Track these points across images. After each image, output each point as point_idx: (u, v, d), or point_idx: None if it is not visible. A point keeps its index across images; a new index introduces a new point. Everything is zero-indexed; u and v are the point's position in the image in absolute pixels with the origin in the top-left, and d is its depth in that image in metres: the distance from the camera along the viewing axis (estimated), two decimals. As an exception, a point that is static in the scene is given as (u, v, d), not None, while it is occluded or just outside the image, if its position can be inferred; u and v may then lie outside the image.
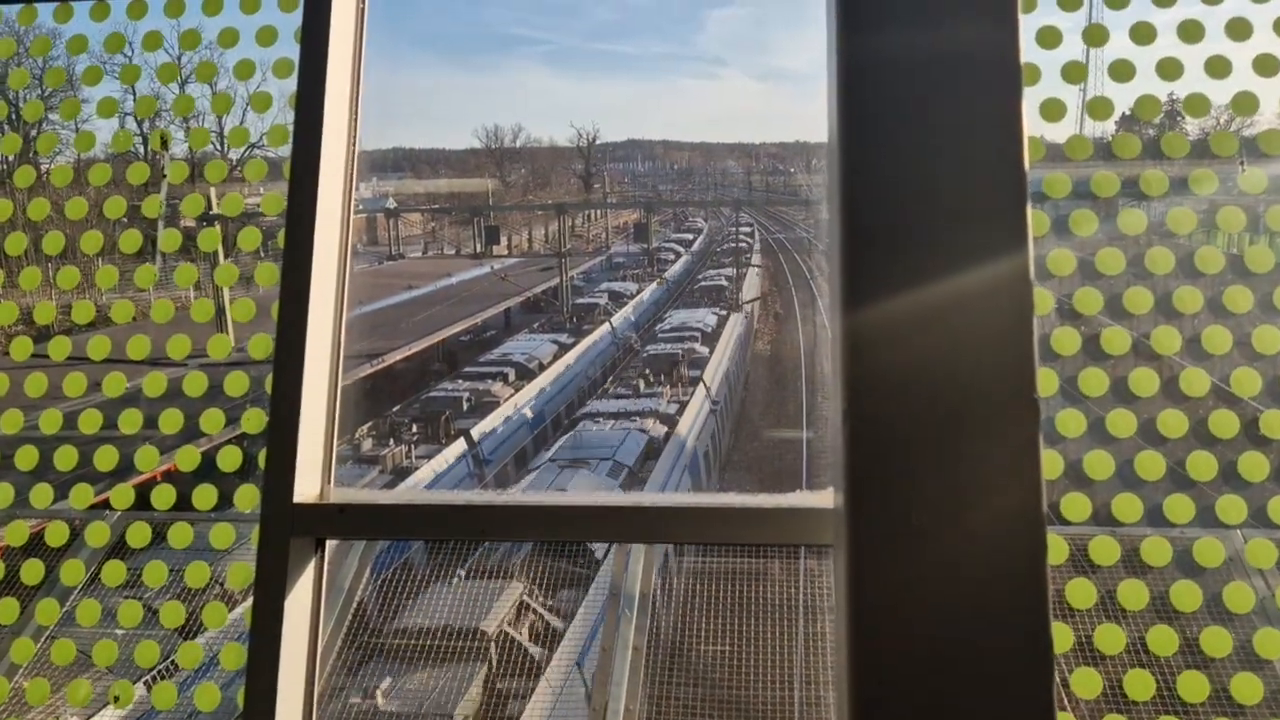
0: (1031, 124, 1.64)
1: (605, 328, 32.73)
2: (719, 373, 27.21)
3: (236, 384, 2.50)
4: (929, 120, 1.57)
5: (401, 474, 20.48)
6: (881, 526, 1.54)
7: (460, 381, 26.66)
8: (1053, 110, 2.35)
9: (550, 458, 19.93)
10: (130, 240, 2.57)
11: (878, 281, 1.59)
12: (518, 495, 2.33)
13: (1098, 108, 2.37)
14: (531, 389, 25.22)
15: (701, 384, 25.39)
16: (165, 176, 3.00)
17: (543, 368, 27.56)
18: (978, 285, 1.56)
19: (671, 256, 50.16)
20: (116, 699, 2.81)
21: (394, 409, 24.91)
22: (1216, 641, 2.10)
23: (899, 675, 1.47)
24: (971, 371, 1.55)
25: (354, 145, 2.54)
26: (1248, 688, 2.06)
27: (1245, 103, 2.25)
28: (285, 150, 2.53)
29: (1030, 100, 1.62)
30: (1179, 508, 2.12)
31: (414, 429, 23.45)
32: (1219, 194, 2.30)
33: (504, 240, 50.35)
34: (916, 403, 1.55)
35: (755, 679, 6.16)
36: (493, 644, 7.50)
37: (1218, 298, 2.22)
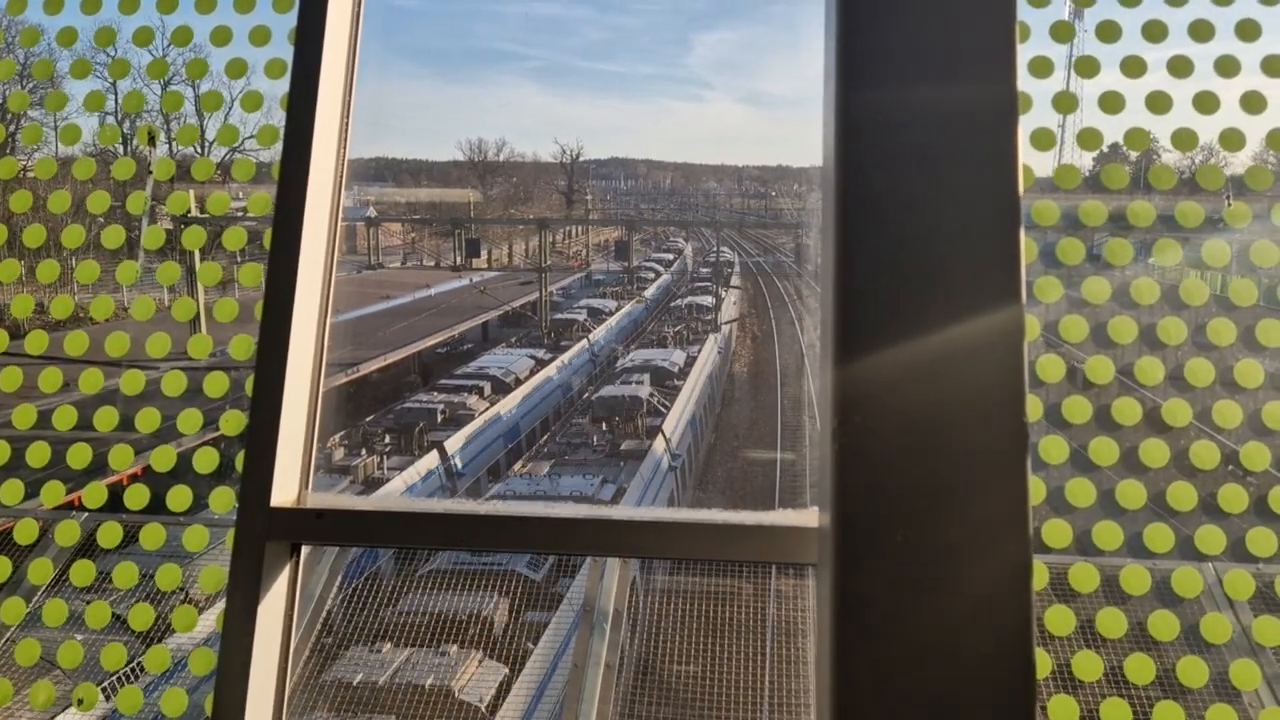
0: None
1: (583, 344, 32.66)
2: (682, 420, 24.41)
3: (216, 385, 2.46)
4: (926, 175, 1.58)
5: (373, 485, 20.32)
6: (867, 545, 1.54)
7: (435, 394, 26.54)
8: (1041, 140, 2.37)
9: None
10: (113, 236, 2.53)
11: (870, 307, 1.59)
12: (496, 505, 2.30)
13: (1086, 138, 2.40)
14: (507, 403, 25.11)
15: (660, 436, 22.60)
16: (151, 172, 2.97)
17: (519, 382, 27.48)
18: (969, 314, 1.57)
19: (652, 275, 50.24)
20: (80, 702, 2.75)
21: (367, 419, 24.74)
22: (1192, 671, 2.11)
23: (882, 694, 1.47)
24: (961, 393, 1.55)
25: (344, 149, 2.52)
26: (1224, 719, 2.07)
27: (1232, 138, 2.28)
28: (271, 153, 2.52)
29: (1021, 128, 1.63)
30: (1159, 537, 2.13)
31: (387, 440, 23.29)
32: (1204, 228, 2.32)
33: (484, 253, 50.27)
34: (905, 422, 1.55)
35: (724, 699, 6.14)
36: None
37: (1201, 330, 2.24)
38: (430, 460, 20.57)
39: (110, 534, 2.52)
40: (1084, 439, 2.19)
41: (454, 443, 21.41)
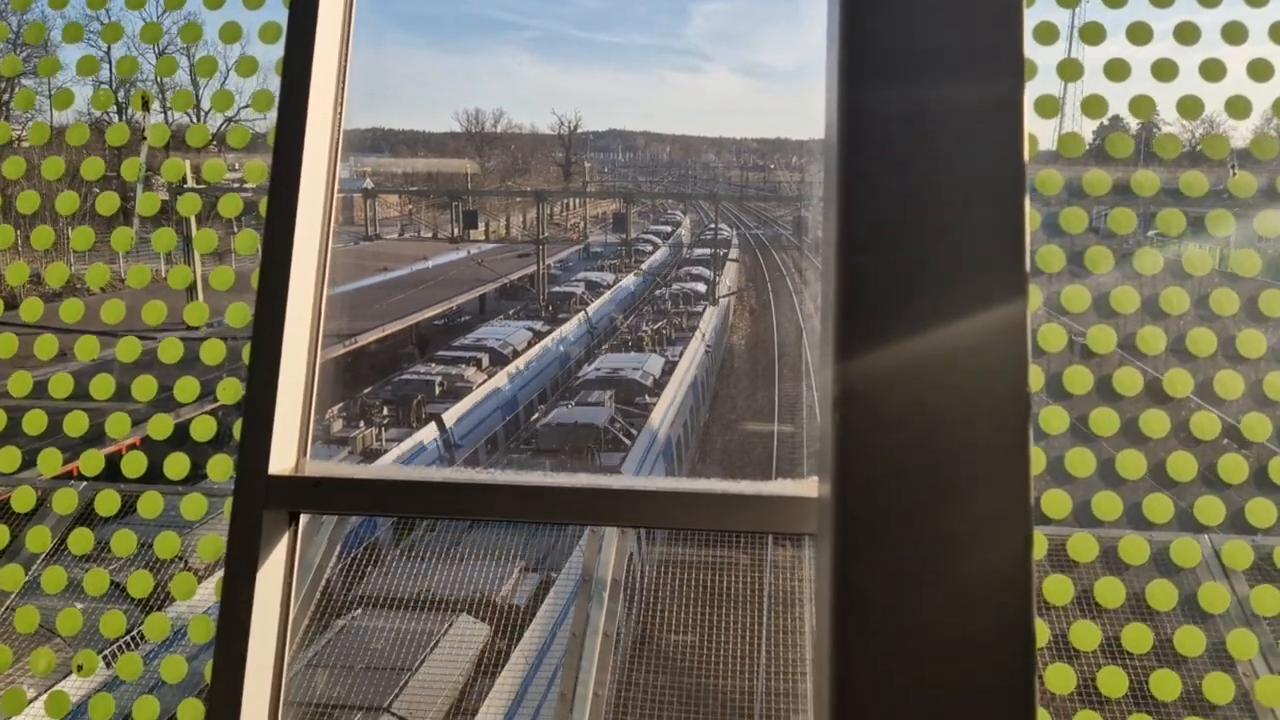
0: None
1: (580, 316, 32.60)
2: (654, 451, 20.27)
3: (213, 353, 2.45)
4: (929, 143, 1.56)
5: (371, 456, 20.37)
6: (867, 514, 1.53)
7: (433, 365, 26.54)
8: (1046, 107, 2.35)
9: None
10: (108, 202, 2.51)
11: (872, 276, 1.58)
12: (496, 474, 2.30)
13: (1091, 106, 2.37)
14: (505, 375, 25.12)
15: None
16: (145, 139, 2.94)
17: (517, 354, 27.47)
18: (973, 284, 1.56)
19: (650, 248, 50.05)
20: (80, 668, 2.76)
21: (365, 391, 24.75)
22: (1190, 641, 2.12)
23: (882, 663, 1.47)
24: (964, 362, 1.54)
25: (340, 114, 2.50)
26: (1219, 687, 2.08)
27: (1238, 106, 2.25)
28: (267, 122, 2.49)
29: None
30: (1158, 507, 2.13)
31: (385, 411, 23.32)
32: (1209, 198, 2.31)
33: (482, 225, 50.11)
34: (907, 390, 1.54)
35: (721, 668, 6.19)
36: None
37: (1204, 301, 2.23)
38: (428, 432, 20.61)
39: (108, 502, 2.51)
40: (1084, 409, 2.18)
41: (451, 415, 21.44)
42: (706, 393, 27.54)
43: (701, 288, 37.44)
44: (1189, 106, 2.26)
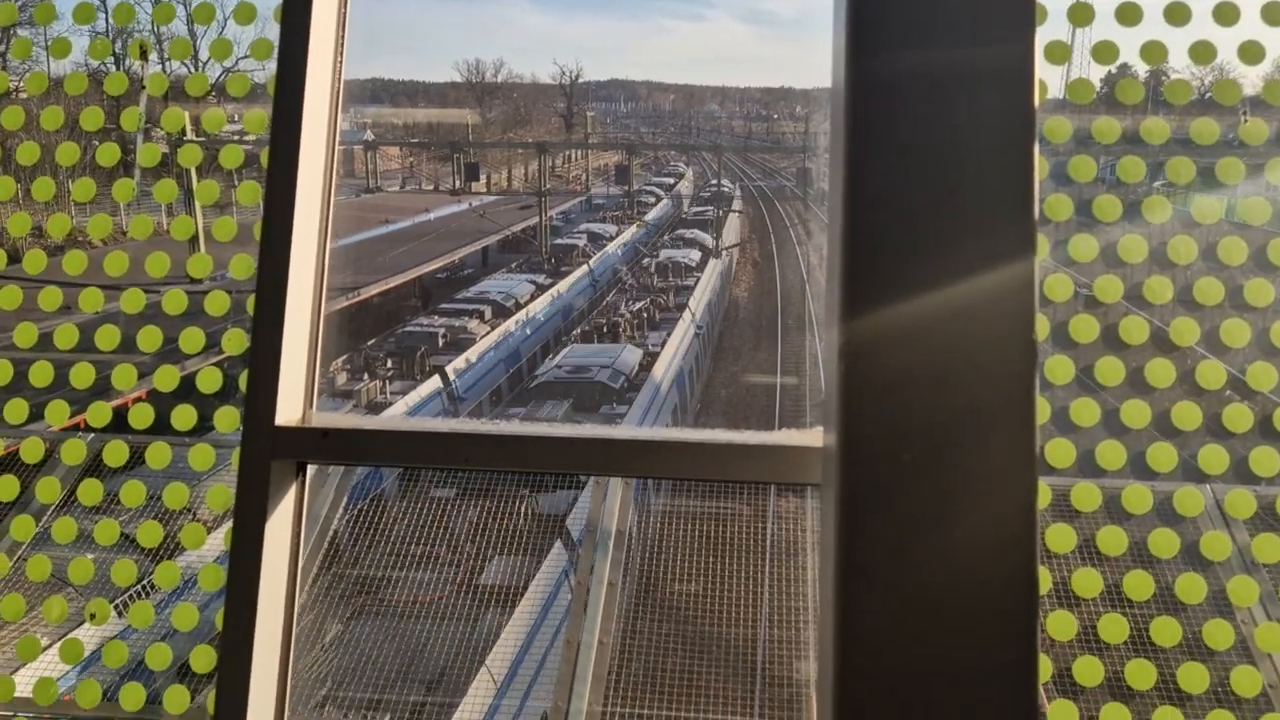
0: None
1: (583, 269, 32.46)
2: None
3: (217, 304, 2.45)
4: (938, 90, 1.54)
5: (376, 409, 20.44)
6: (872, 463, 1.54)
7: (436, 318, 26.54)
8: (1055, 53, 2.31)
9: None
10: (108, 153, 2.49)
11: (879, 222, 1.56)
12: (501, 425, 2.31)
13: (1102, 52, 2.33)
14: (508, 327, 25.13)
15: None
16: (144, 88, 2.91)
17: (519, 306, 27.45)
18: (981, 232, 1.55)
19: (652, 199, 49.68)
20: (93, 616, 2.80)
21: (369, 343, 24.79)
22: (1191, 588, 2.14)
23: (886, 610, 1.48)
24: (971, 312, 1.54)
25: (340, 62, 2.47)
26: (1219, 633, 2.10)
27: (1251, 51, 2.22)
28: (266, 74, 2.46)
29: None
30: (1162, 456, 2.14)
31: (389, 364, 23.37)
32: (1219, 146, 2.28)
33: (483, 178, 49.76)
34: (913, 339, 1.54)
35: (724, 617, 6.26)
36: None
37: (1212, 250, 2.21)
38: (432, 384, 20.66)
39: (116, 453, 2.53)
40: (1090, 359, 2.18)
41: (455, 368, 21.49)
42: (696, 383, 23.89)
43: (695, 256, 32.94)
44: (1201, 51, 2.23)
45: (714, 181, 45.54)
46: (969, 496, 1.51)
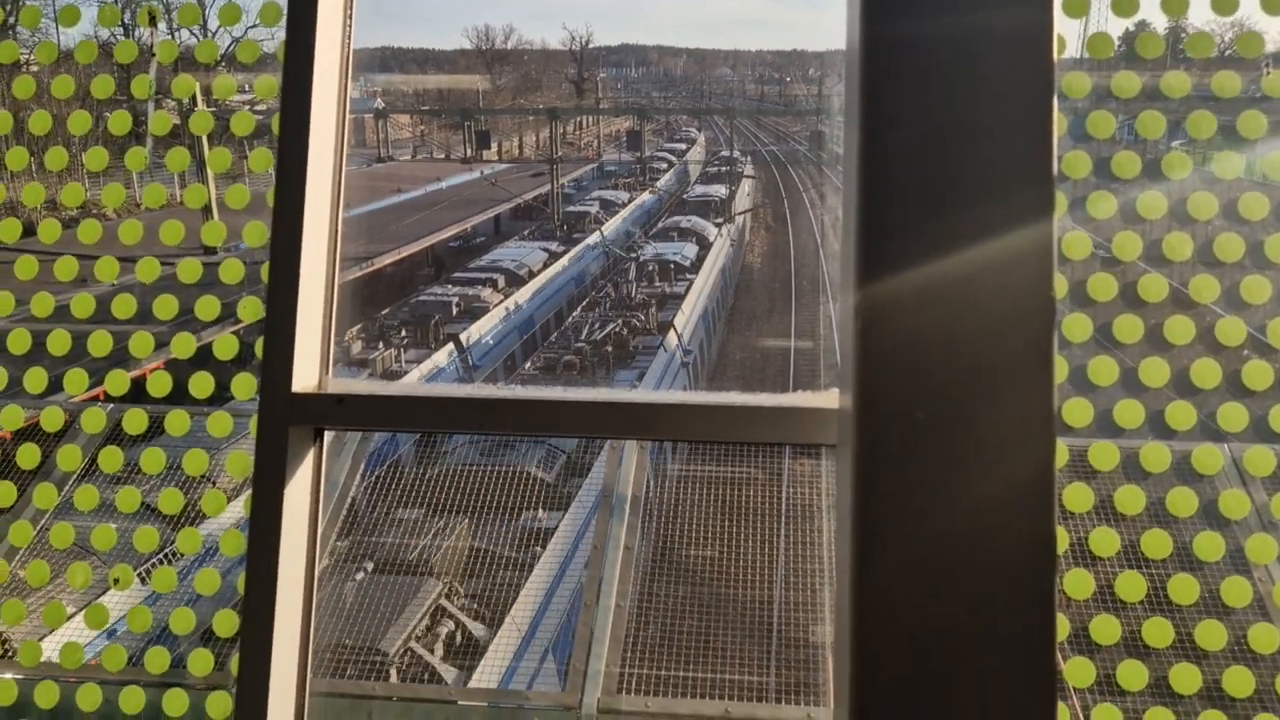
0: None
1: (595, 236, 32.31)
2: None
3: (232, 271, 2.45)
4: (955, 51, 1.52)
5: (391, 378, 20.52)
6: (889, 423, 1.53)
7: (450, 286, 26.55)
8: (1074, 6, 2.27)
9: None
10: (120, 121, 2.49)
11: (896, 183, 1.55)
12: (516, 389, 2.31)
13: (1121, 4, 2.29)
14: (521, 295, 25.12)
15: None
16: (154, 56, 2.90)
17: (532, 274, 27.42)
18: (999, 193, 1.53)
19: (664, 165, 49.34)
20: (116, 581, 2.84)
21: (383, 312, 24.84)
22: (1209, 546, 2.13)
23: (904, 572, 1.48)
24: (989, 272, 1.52)
25: (349, 27, 2.45)
26: (1237, 591, 2.10)
27: (1275, 2, 2.17)
28: (273, 41, 2.45)
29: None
30: (1180, 415, 2.13)
31: (403, 333, 23.44)
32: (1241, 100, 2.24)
33: (494, 145, 49.56)
34: (930, 298, 1.53)
35: (740, 581, 6.31)
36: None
37: (1233, 205, 2.18)
38: (446, 353, 20.72)
39: (136, 421, 2.55)
40: (1109, 317, 2.16)
41: (469, 336, 21.53)
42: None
43: (690, 252, 27.14)
44: (1224, 2, 2.18)
45: (724, 152, 42.20)
46: (986, 456, 1.51)
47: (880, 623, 1.51)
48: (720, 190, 35.83)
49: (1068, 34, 2.28)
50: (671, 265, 25.75)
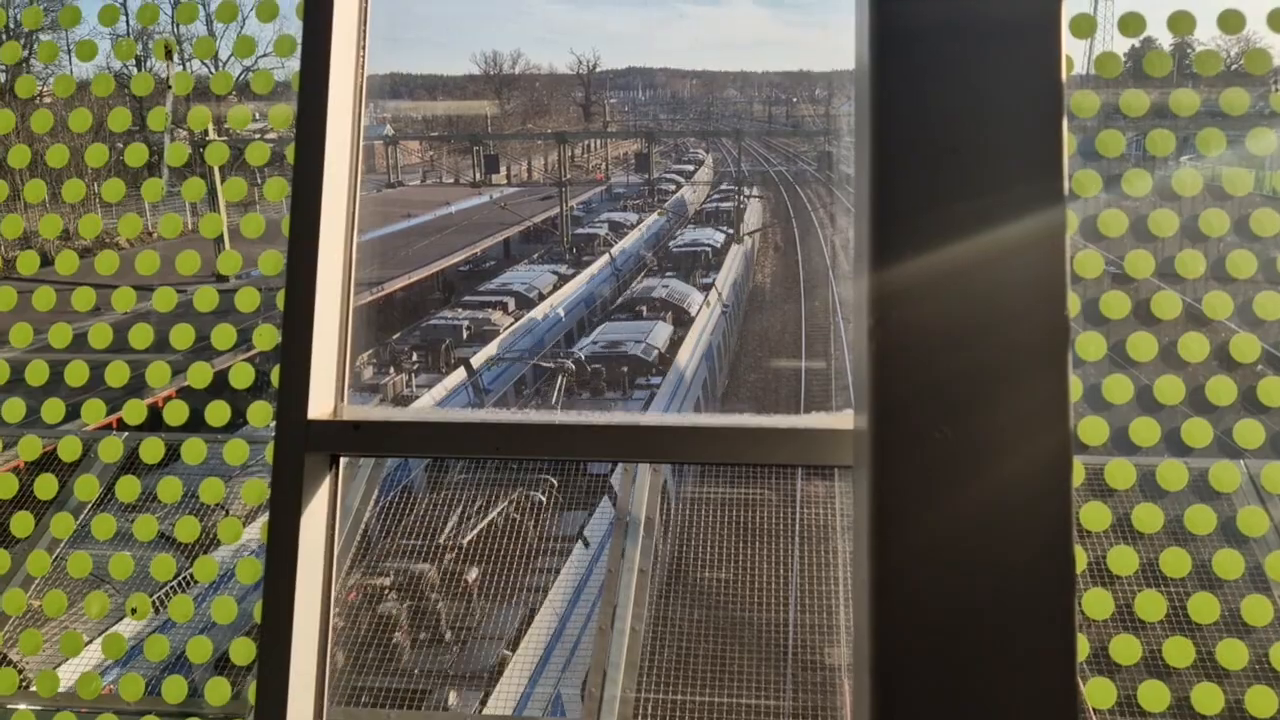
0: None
1: (605, 259, 32.33)
2: None
3: (248, 300, 2.47)
4: (966, 63, 1.53)
5: (402, 402, 20.54)
6: (905, 443, 1.53)
7: (460, 310, 26.62)
8: (1080, 26, 2.28)
9: None
10: (137, 153, 2.52)
11: (907, 203, 1.55)
12: (531, 414, 2.32)
13: (1128, 23, 2.30)
14: (532, 317, 25.13)
15: None
16: (170, 88, 2.93)
17: (542, 297, 27.47)
18: (1010, 209, 1.53)
19: (672, 187, 49.43)
20: (134, 611, 2.84)
21: (394, 337, 24.90)
22: (1228, 564, 2.12)
23: (922, 589, 1.48)
24: (1001, 289, 1.53)
25: (363, 56, 2.48)
26: (1257, 609, 2.08)
27: (1282, 20, 2.18)
28: (286, 71, 2.48)
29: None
30: (1197, 432, 2.12)
31: (414, 357, 23.47)
32: (1250, 117, 2.25)
33: (503, 169, 49.80)
34: (943, 318, 1.53)
35: (754, 603, 6.27)
36: None
37: (1244, 222, 2.18)
38: (457, 376, 20.74)
39: (152, 450, 2.56)
40: (1122, 335, 2.16)
41: (480, 359, 21.55)
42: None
43: (663, 337, 20.58)
44: (1230, 21, 2.19)
45: (733, 187, 40.85)
46: (1003, 471, 1.51)
47: (900, 646, 1.50)
48: (708, 243, 32.49)
49: (1075, 55, 2.29)
50: (624, 367, 18.01)
